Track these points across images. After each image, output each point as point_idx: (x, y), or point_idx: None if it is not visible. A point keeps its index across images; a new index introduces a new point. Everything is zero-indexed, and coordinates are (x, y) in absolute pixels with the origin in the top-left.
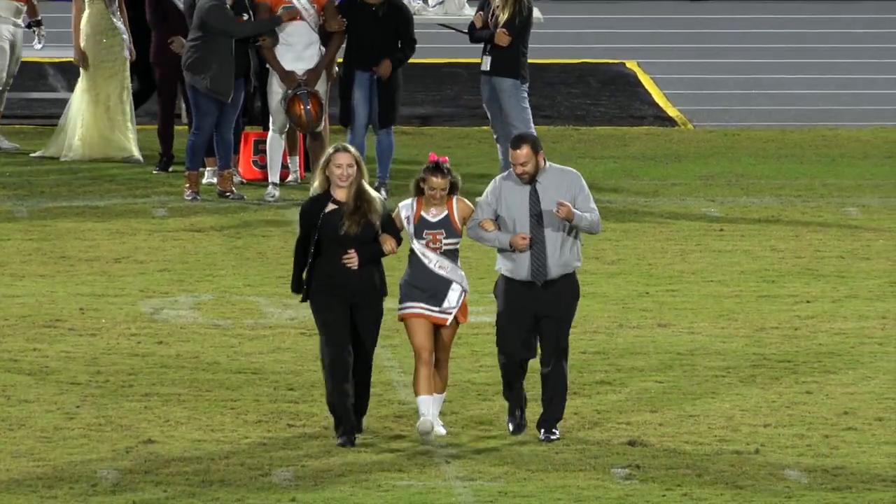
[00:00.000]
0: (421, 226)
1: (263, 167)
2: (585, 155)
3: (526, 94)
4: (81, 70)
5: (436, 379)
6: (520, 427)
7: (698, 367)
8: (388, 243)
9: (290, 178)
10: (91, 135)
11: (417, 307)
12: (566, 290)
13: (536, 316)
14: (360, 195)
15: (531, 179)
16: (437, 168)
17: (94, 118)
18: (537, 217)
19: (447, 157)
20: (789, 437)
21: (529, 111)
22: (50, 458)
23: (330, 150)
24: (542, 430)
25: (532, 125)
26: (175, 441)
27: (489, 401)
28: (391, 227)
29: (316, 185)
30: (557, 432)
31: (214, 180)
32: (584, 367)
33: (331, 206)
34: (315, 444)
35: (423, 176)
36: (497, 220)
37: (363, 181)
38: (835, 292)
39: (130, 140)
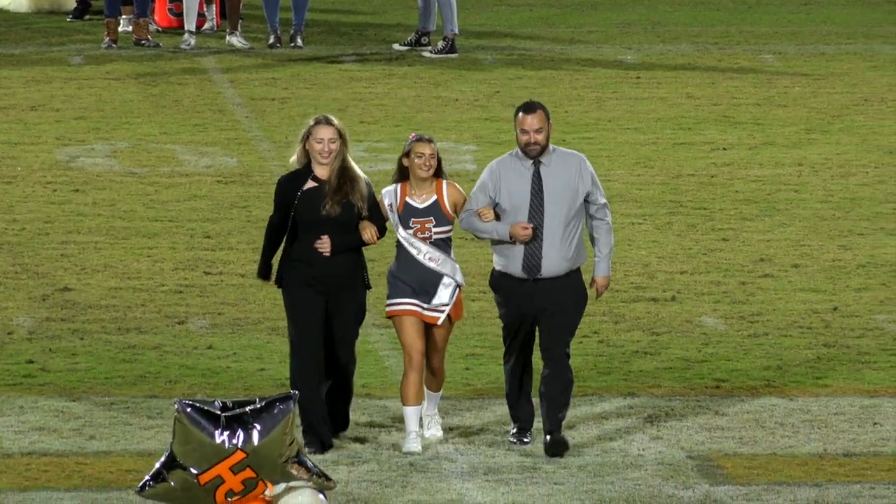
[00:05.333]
0: (407, 213)
1: (179, 15)
2: (502, 3)
3: None
4: None
5: (430, 377)
6: (522, 437)
7: (615, 215)
8: (367, 231)
9: (207, 26)
10: None
11: (406, 303)
12: (567, 289)
13: (533, 314)
14: (344, 172)
15: (539, 153)
16: (420, 138)
17: None
18: (539, 203)
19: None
20: (706, 284)
21: None
22: None
23: (311, 121)
24: (548, 435)
25: None
26: (91, 289)
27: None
28: (376, 213)
29: (294, 159)
30: (565, 437)
31: (130, 28)
32: None
33: (310, 184)
34: (232, 292)
35: (408, 149)
36: (495, 208)
37: (347, 156)
38: (751, 139)
39: None
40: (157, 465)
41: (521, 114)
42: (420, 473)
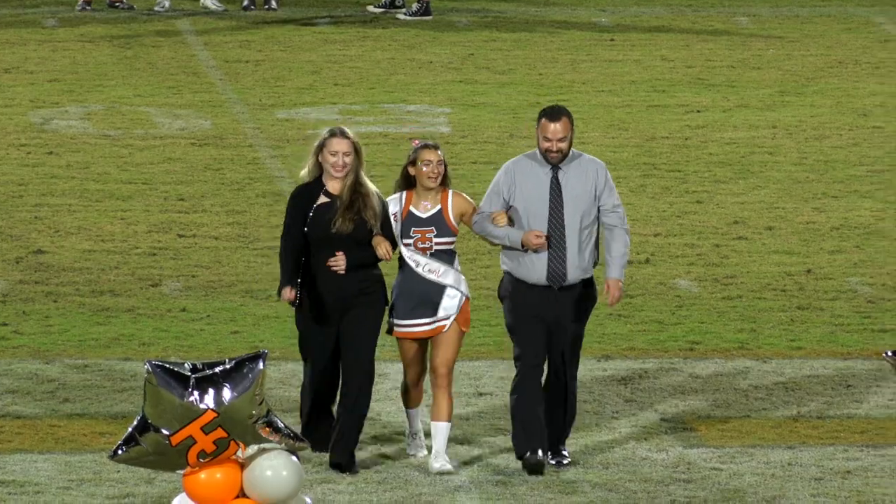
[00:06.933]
0: (409, 222)
1: None
2: None
3: None
4: None
5: (440, 405)
6: (536, 465)
7: None
8: (381, 246)
9: None
10: None
11: (406, 325)
12: (584, 296)
13: (549, 323)
14: (356, 188)
15: (560, 161)
16: (425, 144)
17: None
18: (558, 210)
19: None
20: (680, 247)
21: None
22: None
23: (325, 133)
24: (550, 453)
25: None
26: (65, 251)
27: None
28: (388, 227)
29: (305, 172)
30: (567, 456)
31: None
32: (475, 177)
33: (322, 199)
34: (205, 255)
35: (413, 156)
36: (509, 211)
37: (360, 171)
38: (725, 102)
39: None
40: (130, 429)
41: (544, 119)
42: (397, 441)
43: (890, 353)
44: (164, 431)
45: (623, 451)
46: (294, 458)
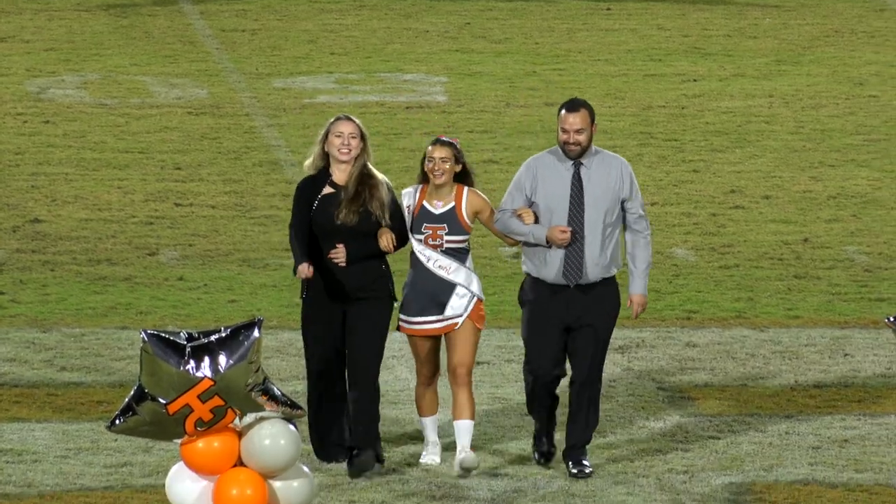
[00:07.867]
0: (421, 218)
1: None
2: None
3: None
4: None
5: (461, 403)
6: (547, 455)
7: None
8: (383, 237)
9: None
10: None
11: (415, 322)
12: (604, 297)
13: (568, 326)
14: (362, 178)
15: (579, 154)
16: (437, 140)
17: None
18: (579, 206)
19: (457, 139)
20: (676, 216)
21: None
22: None
23: (330, 119)
24: (571, 462)
25: None
26: (62, 220)
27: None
28: (399, 218)
29: (309, 162)
30: (588, 465)
31: None
32: (471, 146)
33: (328, 189)
34: (202, 223)
35: (425, 150)
36: (530, 208)
37: (367, 162)
38: (722, 71)
39: None
40: (127, 399)
41: (563, 111)
42: (392, 405)
43: (892, 319)
44: (161, 400)
45: (620, 420)
46: (292, 426)
